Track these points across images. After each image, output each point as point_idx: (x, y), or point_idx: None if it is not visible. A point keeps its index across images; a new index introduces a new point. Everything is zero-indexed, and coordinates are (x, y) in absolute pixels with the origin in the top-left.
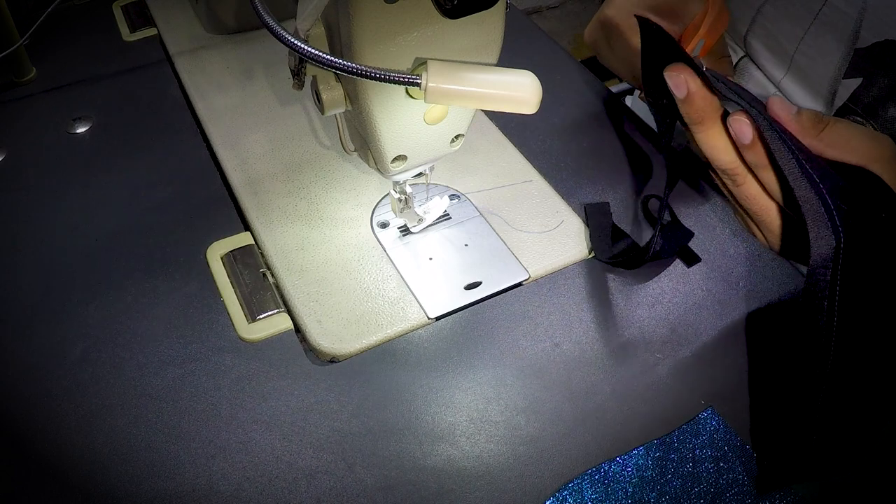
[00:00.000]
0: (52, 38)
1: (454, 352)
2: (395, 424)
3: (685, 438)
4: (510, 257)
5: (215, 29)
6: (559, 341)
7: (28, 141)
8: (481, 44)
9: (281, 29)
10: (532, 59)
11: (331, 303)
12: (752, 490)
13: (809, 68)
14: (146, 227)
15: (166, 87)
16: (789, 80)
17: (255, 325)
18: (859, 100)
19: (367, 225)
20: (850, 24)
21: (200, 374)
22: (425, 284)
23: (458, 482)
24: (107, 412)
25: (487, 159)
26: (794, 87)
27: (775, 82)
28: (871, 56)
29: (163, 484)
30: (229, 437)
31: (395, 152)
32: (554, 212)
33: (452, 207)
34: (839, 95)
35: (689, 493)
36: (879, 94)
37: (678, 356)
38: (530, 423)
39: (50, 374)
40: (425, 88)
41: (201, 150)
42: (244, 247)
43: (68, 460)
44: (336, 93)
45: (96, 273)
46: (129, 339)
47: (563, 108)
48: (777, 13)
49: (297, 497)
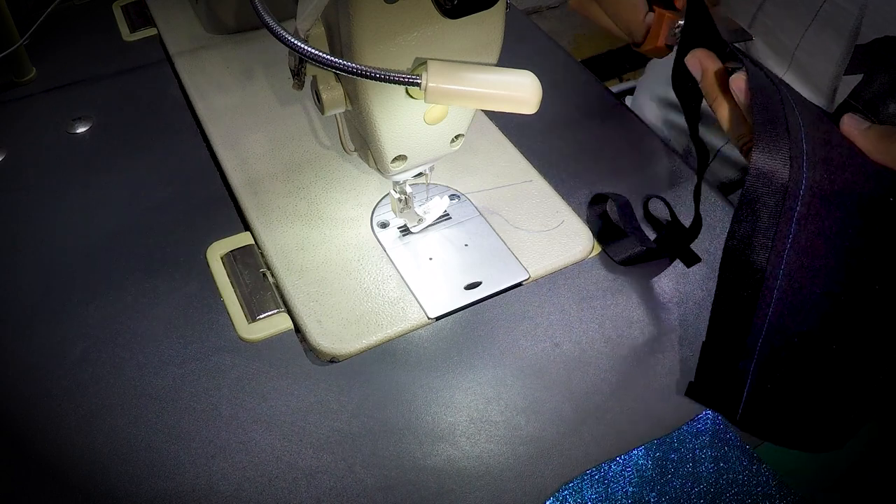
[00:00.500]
0: (52, 38)
1: (454, 352)
2: (395, 424)
3: (685, 438)
4: (510, 257)
5: (215, 29)
6: (559, 341)
7: (28, 141)
8: (481, 44)
9: (281, 29)
10: (532, 59)
11: (331, 303)
12: (752, 490)
13: (810, 65)
14: (146, 227)
15: (166, 87)
16: (790, 76)
17: (255, 325)
18: (860, 96)
19: (367, 225)
20: (851, 20)
21: (200, 374)
22: (425, 284)
23: (458, 482)
24: (107, 412)
25: (487, 159)
26: (796, 84)
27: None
28: (872, 52)
29: (163, 484)
30: (229, 437)
31: (395, 152)
32: (554, 212)
33: (452, 207)
34: (840, 92)
35: (689, 493)
36: (880, 90)
37: (678, 356)
38: (530, 423)
39: (50, 374)
40: (425, 88)
41: (201, 150)
42: (244, 247)
43: (68, 460)
44: (336, 93)
45: (96, 273)
46: (129, 339)
47: (564, 108)
48: (778, 10)
49: (297, 497)
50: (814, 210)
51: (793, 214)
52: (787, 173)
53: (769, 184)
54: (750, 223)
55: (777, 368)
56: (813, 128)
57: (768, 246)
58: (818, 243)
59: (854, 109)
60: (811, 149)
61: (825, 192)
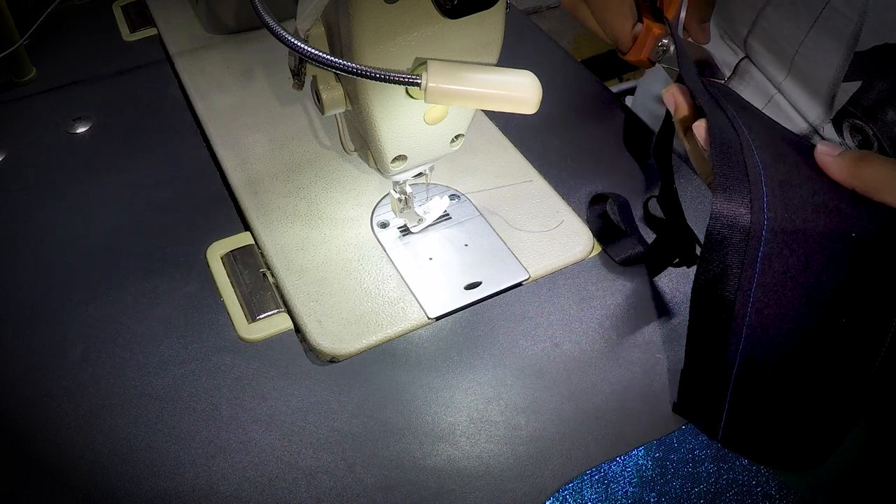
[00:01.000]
0: (52, 38)
1: (454, 352)
2: (395, 424)
3: (685, 438)
4: (510, 257)
5: (215, 29)
6: (559, 341)
7: (28, 141)
8: (481, 44)
9: (281, 29)
10: (532, 59)
11: (331, 303)
12: (752, 490)
13: (809, 71)
14: (146, 227)
15: (166, 87)
16: (790, 82)
17: (255, 325)
18: (858, 103)
19: (367, 225)
20: (851, 26)
21: (200, 374)
22: (425, 284)
23: (458, 482)
24: (107, 412)
25: (487, 159)
26: (795, 89)
27: (776, 84)
28: (871, 59)
29: (163, 484)
30: (229, 437)
31: (395, 152)
32: (554, 212)
33: (452, 207)
34: (838, 99)
35: (689, 493)
36: (878, 97)
37: (678, 356)
38: (530, 423)
39: (50, 374)
40: (425, 88)
41: (201, 150)
42: (244, 247)
43: (68, 460)
44: (336, 93)
45: (96, 273)
46: (129, 339)
47: (564, 108)
48: (778, 15)
49: (297, 497)
50: (777, 249)
51: (757, 254)
52: (748, 217)
53: (732, 227)
54: (717, 263)
55: (753, 395)
56: (773, 169)
57: (735, 286)
58: (784, 281)
59: (852, 116)
60: (770, 191)
61: (787, 232)
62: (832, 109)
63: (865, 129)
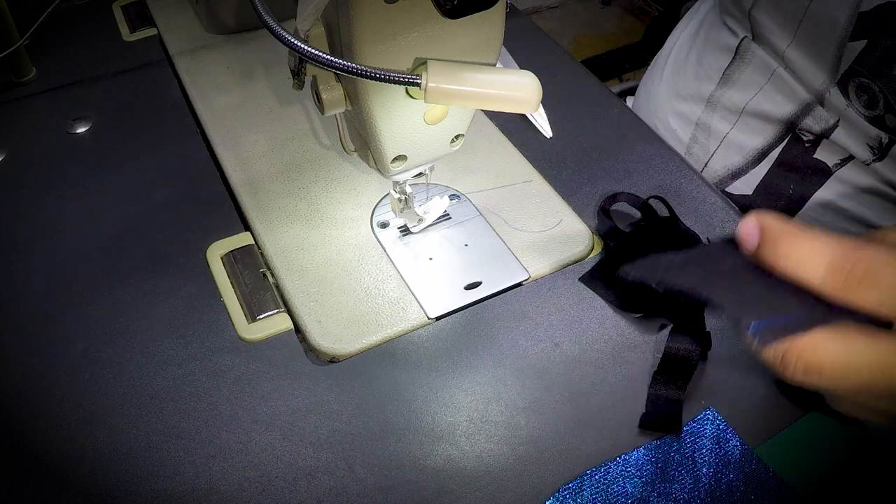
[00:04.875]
0: (52, 38)
1: (454, 352)
2: (395, 424)
3: (685, 438)
4: (510, 257)
5: (215, 29)
6: (559, 341)
7: (28, 141)
8: (481, 44)
9: (281, 29)
10: (532, 59)
11: (331, 303)
12: (752, 490)
13: (815, 34)
14: (146, 227)
15: (166, 88)
16: (794, 48)
17: (255, 325)
18: (864, 61)
19: (367, 225)
20: None
21: (200, 374)
22: (425, 284)
23: (458, 482)
24: (107, 412)
25: (487, 159)
26: (799, 56)
27: (780, 53)
28: (876, 17)
29: (163, 484)
30: (229, 437)
31: (395, 152)
32: (554, 212)
33: (452, 207)
34: (844, 59)
35: (690, 494)
36: (884, 53)
37: None
38: (530, 423)
39: (50, 374)
40: (425, 88)
41: (201, 150)
42: (244, 247)
43: (68, 460)
44: (336, 93)
45: (96, 273)
46: (129, 339)
47: (563, 108)
48: None
49: (297, 497)
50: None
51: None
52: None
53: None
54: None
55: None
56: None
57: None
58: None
59: (858, 75)
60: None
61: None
62: (838, 71)
63: (872, 86)
